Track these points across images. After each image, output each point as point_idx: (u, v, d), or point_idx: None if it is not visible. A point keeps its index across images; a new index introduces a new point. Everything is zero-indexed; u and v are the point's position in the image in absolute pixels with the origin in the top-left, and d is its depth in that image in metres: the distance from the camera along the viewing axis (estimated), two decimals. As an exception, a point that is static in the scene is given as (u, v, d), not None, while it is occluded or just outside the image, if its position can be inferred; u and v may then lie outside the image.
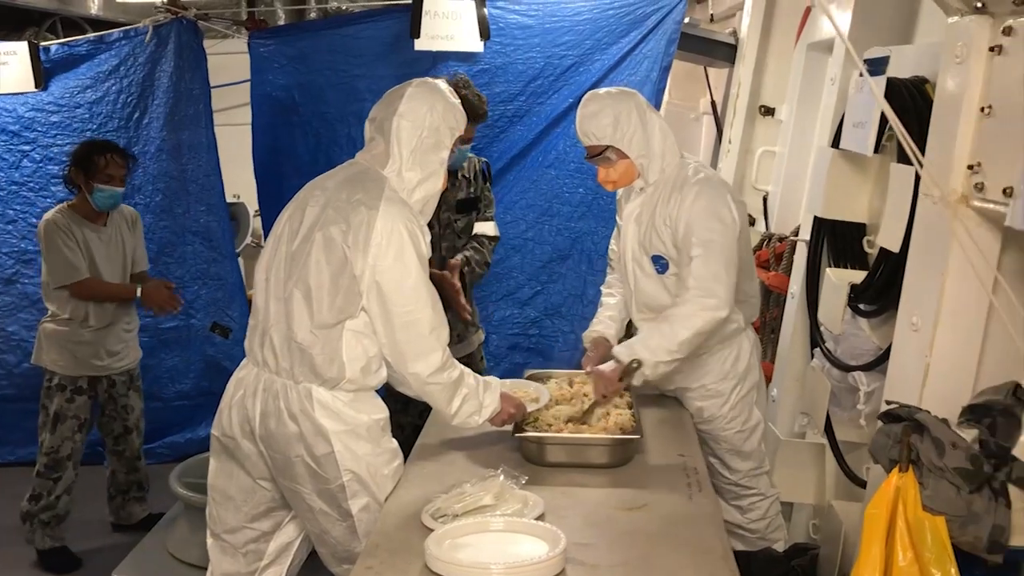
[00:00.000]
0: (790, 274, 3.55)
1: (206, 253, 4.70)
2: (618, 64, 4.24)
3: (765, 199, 4.42)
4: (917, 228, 2.32)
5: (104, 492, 4.12)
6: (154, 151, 4.59)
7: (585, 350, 3.05)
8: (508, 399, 2.55)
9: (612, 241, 3.23)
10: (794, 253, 3.56)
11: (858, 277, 2.78)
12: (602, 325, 3.08)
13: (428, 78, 2.49)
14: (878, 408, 2.43)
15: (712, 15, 5.19)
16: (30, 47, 4.54)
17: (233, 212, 6.32)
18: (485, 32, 4.23)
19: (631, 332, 3.11)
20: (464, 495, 2.20)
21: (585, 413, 2.70)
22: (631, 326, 3.12)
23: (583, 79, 4.23)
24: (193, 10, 4.54)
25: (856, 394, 2.73)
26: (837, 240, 3.01)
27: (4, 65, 4.56)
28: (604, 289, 3.23)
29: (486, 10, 4.22)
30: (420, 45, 4.25)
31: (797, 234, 3.57)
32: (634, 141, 2.78)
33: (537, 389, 2.84)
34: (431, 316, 2.32)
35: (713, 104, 5.15)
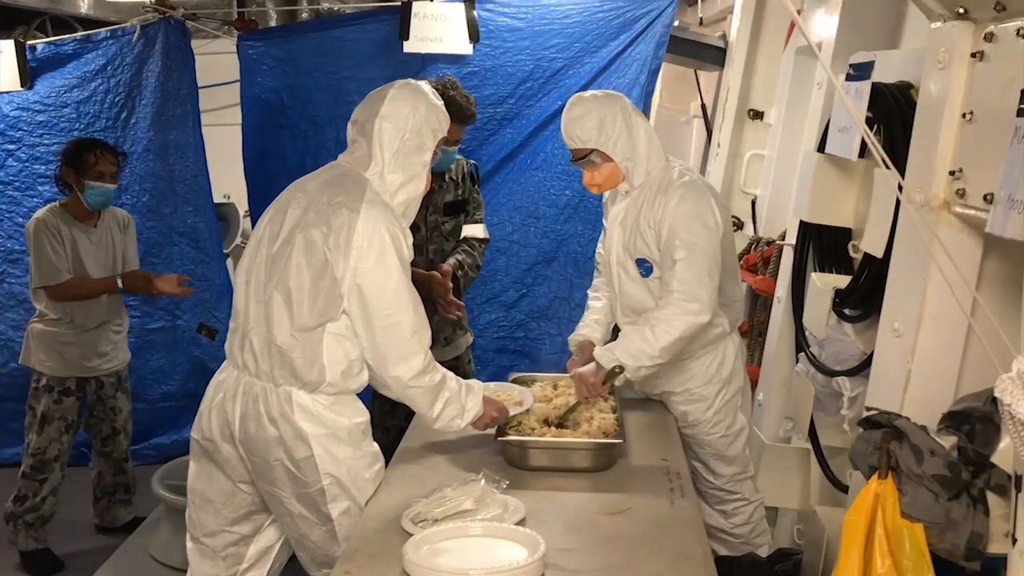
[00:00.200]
0: (777, 278, 3.55)
1: (193, 254, 4.68)
2: (607, 67, 4.23)
3: (753, 203, 4.42)
4: (899, 234, 2.32)
5: (89, 494, 4.10)
6: (141, 151, 4.57)
7: (571, 353, 3.05)
8: (491, 402, 2.54)
9: (599, 244, 3.23)
10: (781, 257, 3.56)
11: (843, 282, 2.78)
12: (588, 329, 3.08)
13: (411, 80, 2.47)
14: (862, 413, 2.43)
15: (702, 18, 5.19)
16: (16, 46, 4.51)
17: (223, 212, 6.32)
18: (474, 34, 4.23)
19: (617, 335, 3.10)
20: (445, 499, 2.19)
21: (567, 411, 2.71)
22: (617, 329, 3.12)
23: (572, 82, 4.23)
24: (181, 10, 4.52)
25: (840, 399, 2.73)
26: (822, 244, 3.01)
27: (-10, 64, 4.55)
28: (590, 293, 3.23)
29: (475, 12, 4.21)
30: (409, 47, 4.25)
31: (784, 238, 3.57)
32: (619, 144, 2.78)
33: (521, 392, 2.84)
34: (413, 319, 2.31)
35: (703, 107, 5.15)
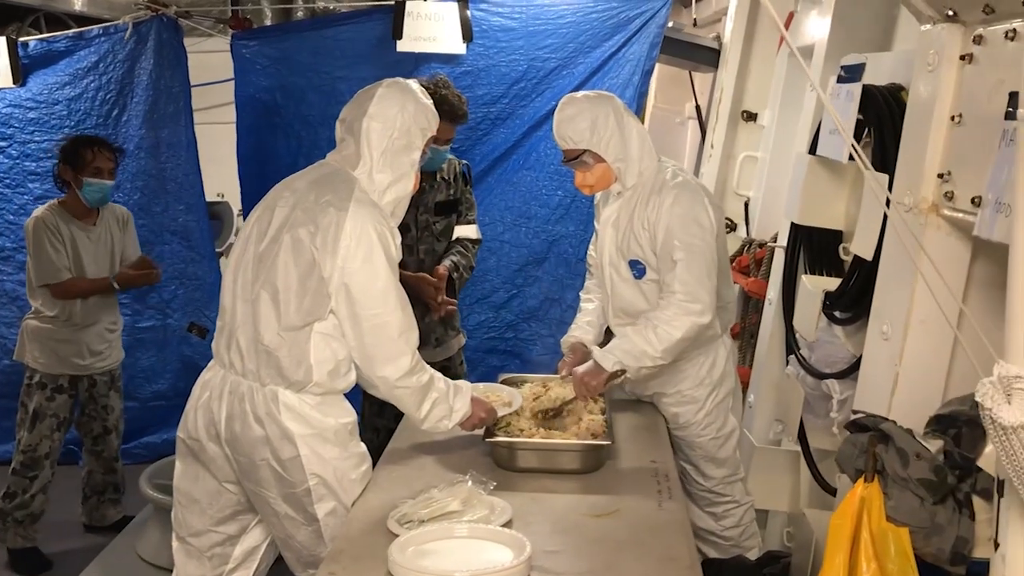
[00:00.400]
0: (769, 280, 3.54)
1: (184, 253, 4.68)
2: (601, 67, 4.23)
3: (747, 204, 4.42)
4: (888, 237, 2.31)
5: (77, 493, 4.08)
6: (133, 149, 4.55)
7: (563, 355, 3.05)
8: (479, 403, 2.53)
9: (591, 246, 3.22)
10: (773, 259, 3.56)
11: (833, 284, 2.78)
12: (580, 331, 3.08)
13: (399, 78, 2.46)
14: (851, 416, 2.42)
15: (696, 20, 5.18)
16: (8, 42, 4.50)
17: (217, 211, 6.29)
18: (468, 34, 4.22)
19: (609, 338, 3.10)
20: (431, 500, 2.19)
21: (563, 404, 2.73)
22: (609, 331, 3.11)
23: (566, 82, 4.22)
24: (174, 7, 4.50)
25: (829, 402, 2.72)
26: (813, 247, 3.00)
27: (-18, 60, 4.53)
28: (583, 295, 3.22)
29: (469, 12, 4.20)
30: (402, 46, 4.24)
31: (776, 240, 3.57)
32: (611, 145, 2.77)
33: (510, 393, 2.83)
34: (400, 319, 2.30)
35: (698, 109, 5.15)
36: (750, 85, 4.49)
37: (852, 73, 2.67)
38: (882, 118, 2.49)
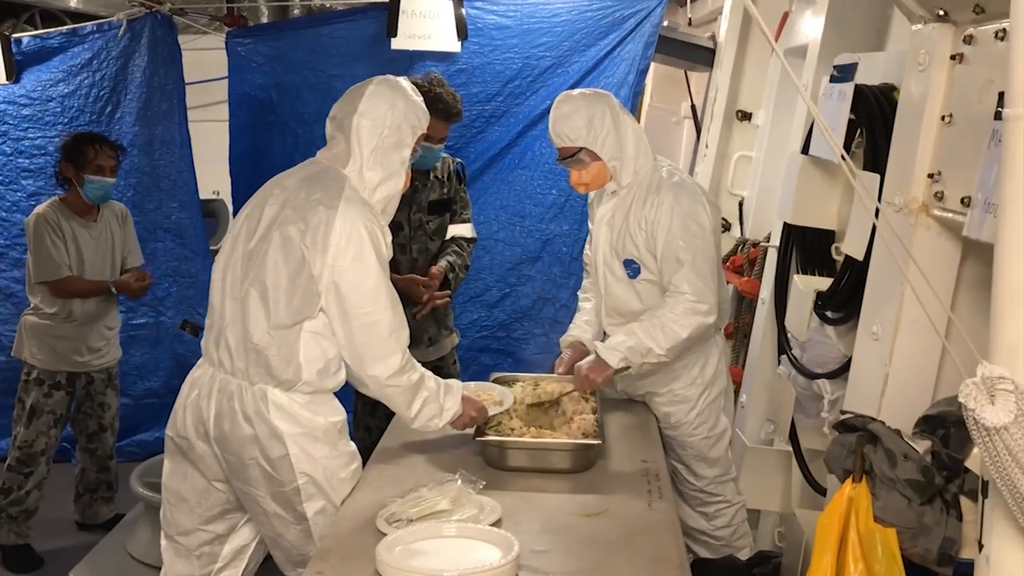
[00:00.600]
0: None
1: (177, 250, 4.67)
2: (596, 66, 4.22)
3: (741, 204, 4.41)
4: (879, 237, 2.30)
5: (69, 491, 4.07)
6: (126, 146, 4.46)
7: (559, 353, 3.05)
8: (470, 402, 2.53)
9: (586, 245, 3.22)
10: (766, 259, 3.55)
11: (824, 284, 2.77)
12: (579, 330, 3.08)
13: (390, 76, 2.45)
14: (842, 416, 2.42)
15: (691, 19, 5.18)
16: (2, 39, 4.50)
17: (212, 209, 6.28)
18: (463, 32, 4.22)
19: (606, 337, 3.10)
20: (420, 499, 2.18)
21: (560, 395, 2.76)
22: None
23: (561, 80, 4.22)
24: (168, 4, 4.50)
25: (821, 402, 2.72)
26: (806, 247, 3.00)
27: (-25, 57, 4.52)
28: (581, 294, 3.22)
29: (464, 10, 4.20)
30: (397, 44, 4.23)
31: (770, 240, 3.57)
32: (607, 143, 2.77)
33: (501, 392, 2.82)
34: (391, 318, 2.29)
35: (693, 108, 5.14)
36: (745, 85, 4.49)
37: (844, 73, 2.67)
38: (874, 118, 2.49)
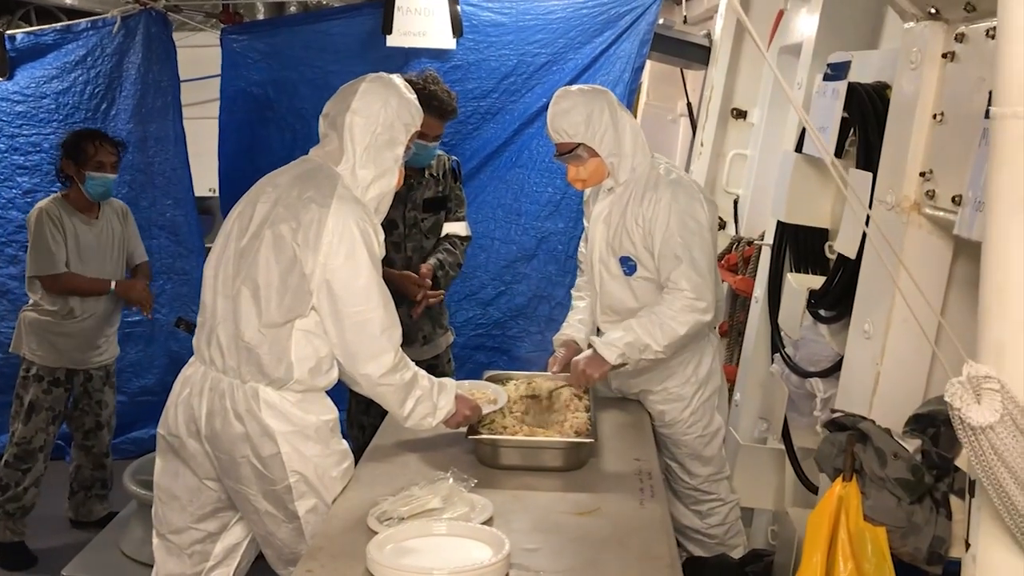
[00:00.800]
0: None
1: (172, 247, 4.66)
2: (591, 64, 4.23)
3: (736, 202, 4.41)
4: (873, 235, 2.30)
5: (63, 488, 4.06)
6: (121, 143, 4.53)
7: (553, 351, 3.04)
8: (463, 401, 2.52)
9: (581, 243, 3.21)
10: (760, 257, 3.55)
11: (817, 283, 2.78)
12: (572, 329, 3.07)
13: (383, 73, 2.45)
14: (834, 415, 2.42)
15: (686, 17, 5.17)
16: (-5, 35, 4.48)
17: (208, 206, 6.25)
18: (458, 29, 4.22)
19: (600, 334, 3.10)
20: (411, 498, 2.18)
21: (555, 388, 2.80)
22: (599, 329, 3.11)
23: (556, 78, 4.22)
24: (163, 1, 4.48)
25: (813, 400, 2.72)
26: (799, 245, 3.00)
27: (-32, 54, 4.50)
28: (574, 292, 3.22)
29: (459, 7, 4.20)
30: (392, 41, 4.23)
31: (764, 238, 3.56)
32: (605, 139, 2.77)
33: (495, 391, 2.82)
34: (383, 317, 2.29)
35: (689, 106, 5.14)
36: (740, 83, 4.48)
37: (838, 71, 2.67)
38: (867, 116, 2.49)
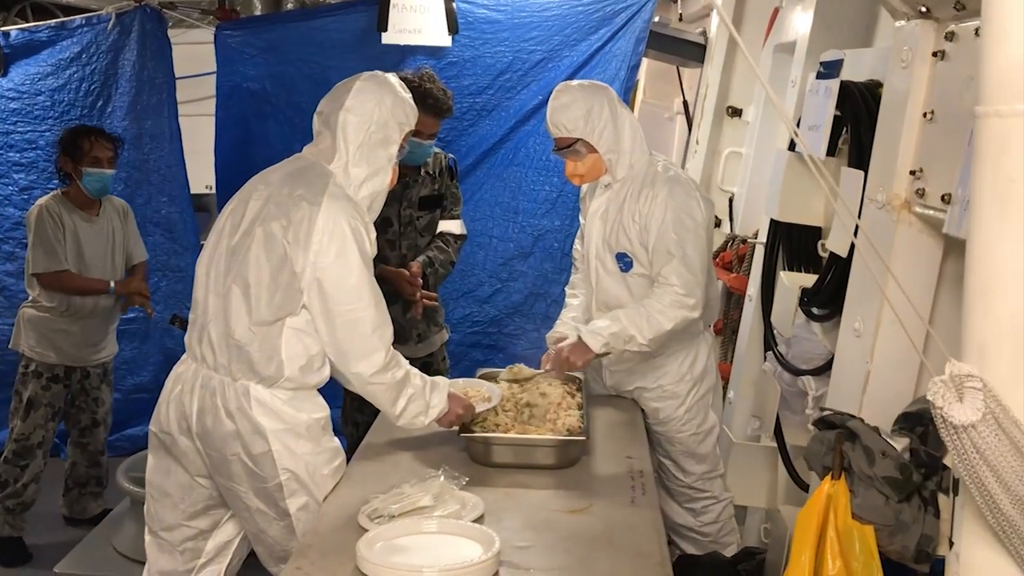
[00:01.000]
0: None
1: (167, 245, 4.66)
2: (587, 61, 4.23)
3: (731, 200, 4.41)
4: (861, 233, 2.30)
5: (57, 484, 4.06)
6: (117, 140, 4.52)
7: (547, 349, 3.04)
8: (456, 399, 2.52)
9: (576, 241, 3.22)
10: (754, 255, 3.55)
11: (810, 281, 2.77)
12: (565, 326, 3.08)
13: (378, 71, 2.45)
14: (826, 413, 2.42)
15: (681, 15, 5.17)
16: (-11, 32, 4.48)
17: (204, 203, 6.24)
18: (453, 26, 4.21)
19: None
20: (402, 495, 2.18)
21: (533, 374, 2.83)
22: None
23: (552, 75, 4.22)
24: (157, -2, 4.48)
25: (805, 398, 2.72)
26: (792, 243, 3.00)
27: (-37, 50, 4.50)
28: (568, 290, 3.22)
29: (454, 4, 4.19)
30: (387, 39, 4.22)
31: (757, 236, 3.56)
32: (604, 135, 2.77)
33: (489, 388, 2.82)
34: (374, 315, 2.29)
35: (685, 104, 5.13)
36: (735, 81, 4.48)
37: (830, 69, 2.66)
38: (859, 114, 2.49)
